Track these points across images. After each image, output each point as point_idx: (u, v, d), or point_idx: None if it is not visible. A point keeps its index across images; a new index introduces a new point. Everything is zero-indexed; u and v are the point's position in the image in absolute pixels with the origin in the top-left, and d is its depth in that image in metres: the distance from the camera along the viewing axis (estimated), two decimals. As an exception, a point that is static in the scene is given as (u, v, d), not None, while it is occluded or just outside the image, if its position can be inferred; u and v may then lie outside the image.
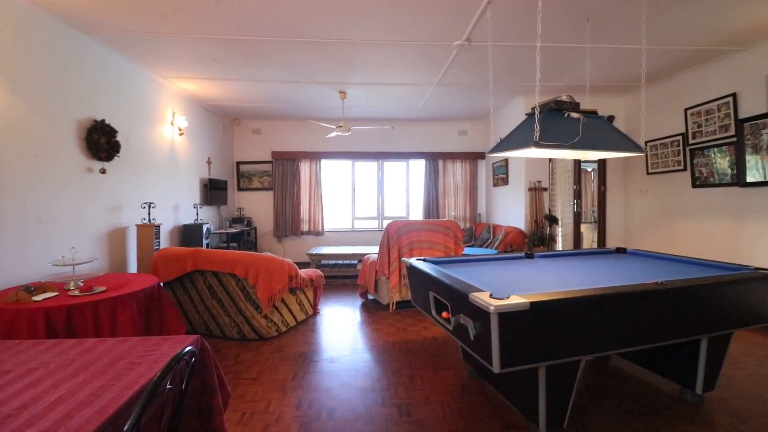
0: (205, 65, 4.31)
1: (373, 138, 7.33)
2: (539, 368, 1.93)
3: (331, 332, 3.68)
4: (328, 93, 5.35)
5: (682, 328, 2.08)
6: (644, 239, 5.25)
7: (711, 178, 4.23)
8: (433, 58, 4.05)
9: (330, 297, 4.96)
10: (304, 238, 7.28)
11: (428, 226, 4.18)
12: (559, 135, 2.43)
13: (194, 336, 1.42)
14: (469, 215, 7.42)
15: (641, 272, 2.50)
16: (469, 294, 1.85)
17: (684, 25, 3.37)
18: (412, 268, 2.65)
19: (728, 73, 3.99)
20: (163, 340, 1.38)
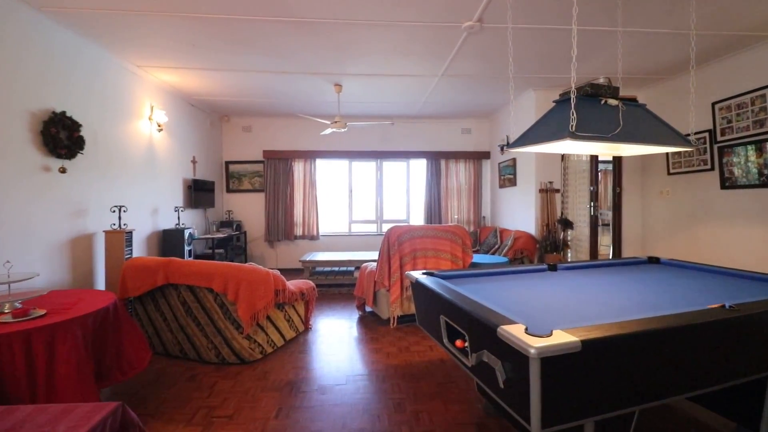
0: (184, 52, 3.87)
1: (372, 136, 6.91)
2: (586, 424, 1.51)
3: (325, 353, 3.24)
4: (323, 86, 4.92)
5: (753, 363, 1.66)
6: (665, 245, 4.84)
7: (743, 179, 3.83)
8: (439, 43, 3.63)
9: (324, 309, 4.52)
10: (297, 243, 6.83)
11: (433, 231, 3.75)
12: (597, 125, 2.01)
13: (112, 404, 0.98)
14: (473, 218, 7.00)
15: (691, 290, 2.09)
16: (498, 327, 1.42)
17: (712, 10, 2.96)
18: (418, 285, 2.22)
19: (760, 63, 3.59)
20: (66, 410, 0.95)
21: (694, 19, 2.73)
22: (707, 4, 2.87)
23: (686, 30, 3.28)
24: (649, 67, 4.28)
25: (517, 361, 1.34)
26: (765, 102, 3.57)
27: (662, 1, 2.88)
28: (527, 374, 1.29)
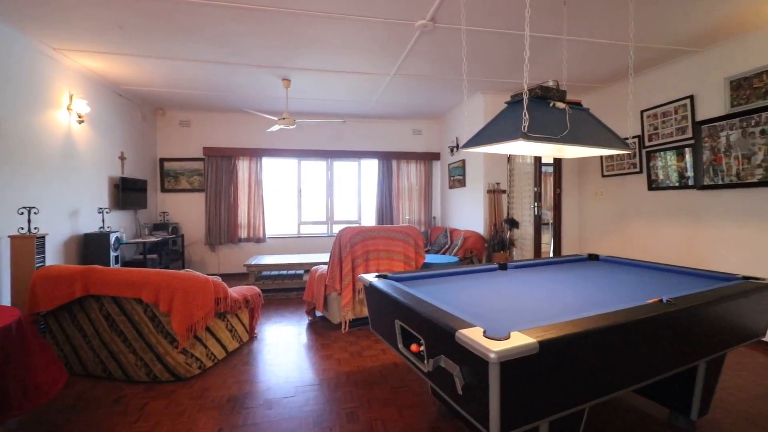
0: (110, 36, 3.46)
1: (322, 134, 6.71)
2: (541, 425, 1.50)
3: (272, 363, 3.04)
4: (270, 80, 4.67)
5: (688, 353, 1.77)
6: (599, 242, 5.19)
7: (667, 181, 4.20)
8: (392, 41, 3.57)
9: (271, 315, 4.27)
10: (242, 246, 6.45)
11: (386, 232, 3.68)
12: (547, 127, 2.04)
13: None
14: (424, 219, 7.06)
15: (630, 285, 2.20)
16: (456, 332, 1.36)
17: (643, 24, 3.20)
18: (372, 288, 2.12)
19: (686, 75, 3.96)
20: None
21: (633, 30, 2.91)
22: (641, 19, 3.08)
23: (625, 41, 3.51)
24: (589, 75, 4.55)
25: (475, 366, 1.29)
26: (686, 111, 3.92)
27: (603, 14, 3.04)
28: (486, 379, 1.24)
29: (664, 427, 2.19)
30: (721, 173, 3.60)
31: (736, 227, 3.55)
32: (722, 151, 3.58)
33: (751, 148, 3.35)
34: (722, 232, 3.66)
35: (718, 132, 3.61)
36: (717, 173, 3.64)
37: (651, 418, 2.27)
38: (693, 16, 3.08)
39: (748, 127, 3.37)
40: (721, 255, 3.68)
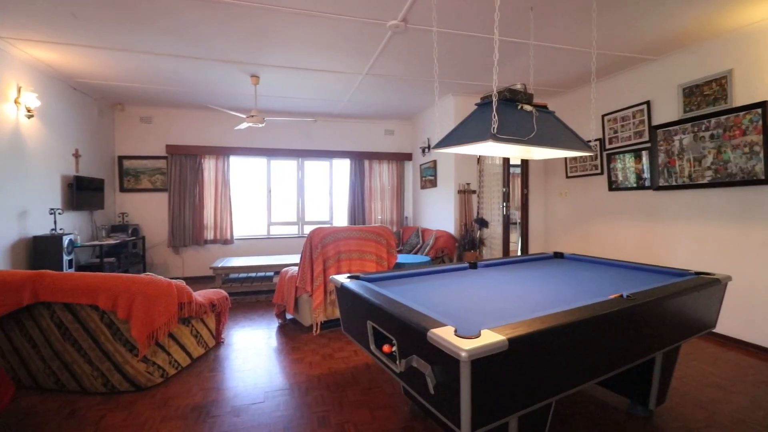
0: (63, 25, 3.24)
1: (293, 133, 6.59)
2: (510, 420, 1.52)
3: (239, 369, 2.94)
4: (238, 76, 4.53)
5: (646, 345, 1.85)
6: (564, 241, 5.38)
7: (625, 182, 4.41)
8: (364, 40, 3.55)
9: (239, 320, 4.14)
10: (208, 248, 6.23)
11: (358, 233, 3.66)
12: (515, 129, 2.09)
13: None
14: (396, 219, 7.09)
15: (593, 282, 2.29)
16: (428, 331, 1.36)
17: (605, 33, 3.35)
18: (343, 289, 2.10)
19: (643, 82, 4.17)
20: None
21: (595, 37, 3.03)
22: (603, 27, 3.21)
23: (587, 48, 3.65)
24: (554, 80, 4.70)
25: (447, 364, 1.30)
26: (644, 116, 4.14)
27: (567, 21, 3.14)
28: (458, 377, 1.25)
29: (625, 417, 2.29)
30: (675, 175, 3.82)
31: (688, 225, 3.78)
32: (676, 154, 3.80)
33: (702, 151, 3.57)
34: (676, 230, 3.89)
35: (672, 136, 3.82)
36: (671, 175, 3.86)
37: (612, 409, 2.37)
38: (649, 26, 3.25)
39: (698, 132, 3.59)
40: (675, 252, 3.90)
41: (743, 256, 3.35)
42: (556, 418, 2.26)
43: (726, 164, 3.39)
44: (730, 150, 3.35)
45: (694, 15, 3.06)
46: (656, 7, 2.94)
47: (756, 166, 3.18)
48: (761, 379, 2.73)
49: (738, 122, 3.29)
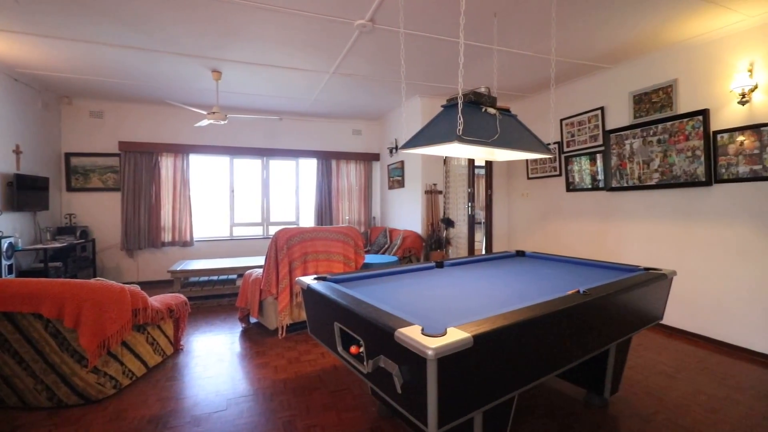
0: (5, 11, 2.97)
1: (257, 131, 6.41)
2: (475, 416, 1.55)
3: (200, 376, 2.82)
4: (198, 71, 4.34)
5: (602, 338, 1.95)
6: (526, 239, 5.58)
7: (581, 183, 4.64)
8: (332, 38, 3.50)
9: (200, 325, 3.97)
10: (165, 251, 5.93)
11: (325, 233, 3.61)
12: (479, 131, 2.14)
13: None
14: (364, 219, 7.07)
15: (552, 278, 2.38)
16: (395, 331, 1.36)
17: (563, 41, 3.51)
18: (310, 291, 2.06)
19: (598, 88, 4.40)
20: None
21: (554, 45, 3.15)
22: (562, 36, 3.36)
23: (547, 55, 3.80)
24: (517, 84, 4.86)
25: (414, 363, 1.30)
26: (598, 121, 4.36)
27: (529, 29, 3.26)
28: (424, 376, 1.25)
29: (582, 406, 2.40)
30: (626, 177, 4.06)
31: (638, 224, 4.02)
32: (627, 157, 4.04)
33: (650, 155, 3.82)
34: (627, 228, 4.13)
35: (623, 140, 4.06)
36: (622, 177, 4.09)
37: (571, 399, 2.48)
38: (604, 36, 3.43)
39: (647, 137, 3.83)
40: (626, 248, 4.15)
41: (686, 252, 3.61)
42: (519, 410, 2.33)
43: (671, 167, 3.64)
44: (675, 154, 3.60)
45: (644, 27, 3.26)
46: (610, 18, 3.11)
47: (697, 169, 3.44)
48: (702, 366, 2.96)
49: (682, 128, 3.54)
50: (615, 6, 2.92)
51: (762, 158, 3.04)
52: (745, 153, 3.14)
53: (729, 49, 3.24)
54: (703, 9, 2.95)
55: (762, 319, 3.10)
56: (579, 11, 3.01)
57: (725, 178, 3.27)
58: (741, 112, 3.17)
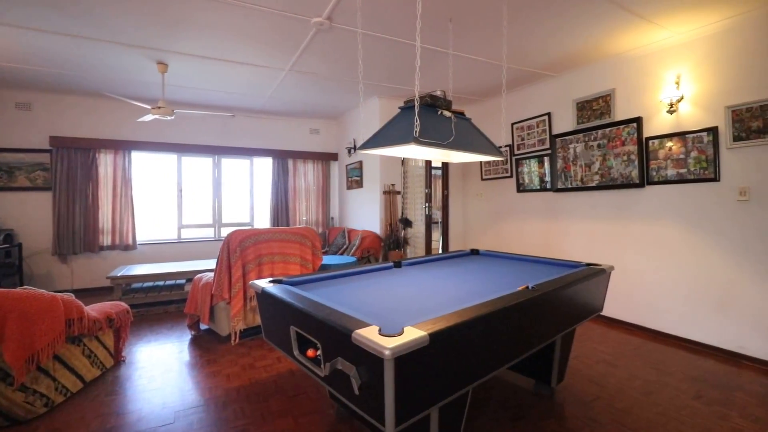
0: None
1: (208, 128, 6.11)
2: (431, 412, 1.58)
3: (144, 389, 2.63)
4: (141, 62, 4.06)
5: (549, 330, 2.06)
6: (480, 238, 5.78)
7: (530, 184, 4.88)
8: (288, 35, 3.41)
9: (145, 334, 3.72)
10: (104, 256, 5.49)
11: (281, 234, 3.51)
12: (436, 133, 2.18)
13: None
14: (322, 220, 6.97)
15: (504, 275, 2.48)
16: (352, 333, 1.35)
17: (514, 49, 3.68)
18: (264, 294, 1.99)
19: (545, 95, 4.65)
20: None
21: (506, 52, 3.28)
22: (512, 44, 3.51)
23: (499, 62, 3.95)
24: (471, 89, 5.02)
25: (371, 364, 1.30)
26: (545, 125, 4.61)
27: (482, 36, 3.37)
28: (382, 376, 1.26)
29: (531, 396, 2.52)
30: (570, 178, 4.32)
31: (581, 223, 4.30)
32: (571, 160, 4.30)
33: (591, 158, 4.09)
34: (571, 227, 4.40)
35: (568, 144, 4.32)
36: (567, 179, 4.36)
37: (521, 390, 2.60)
38: (551, 46, 3.63)
39: (589, 141, 4.11)
40: (571, 246, 4.42)
41: (623, 248, 3.91)
42: (473, 404, 2.40)
43: (610, 170, 3.93)
44: (613, 158, 3.89)
45: (586, 39, 3.49)
46: (556, 30, 3.29)
47: (632, 172, 3.73)
48: (638, 353, 3.21)
49: (619, 134, 3.84)
50: (560, 19, 3.10)
51: (687, 162, 3.36)
52: (672, 157, 3.46)
53: (659, 63, 3.55)
54: (637, 24, 3.21)
55: (687, 309, 3.43)
56: (528, 22, 3.16)
57: (656, 180, 3.58)
58: (669, 120, 3.48)
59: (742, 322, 3.09)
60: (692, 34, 3.30)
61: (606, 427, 2.18)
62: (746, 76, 3.01)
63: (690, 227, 3.39)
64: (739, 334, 3.10)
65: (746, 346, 3.06)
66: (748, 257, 3.05)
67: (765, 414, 2.30)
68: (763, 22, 2.92)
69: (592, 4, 2.89)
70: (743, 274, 3.08)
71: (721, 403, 2.42)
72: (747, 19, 2.99)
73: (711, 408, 2.37)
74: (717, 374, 2.83)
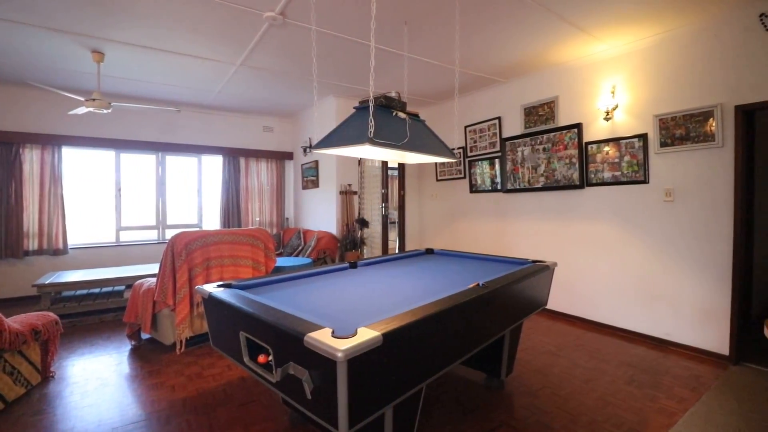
0: None
1: (151, 123, 5.72)
2: (386, 411, 1.58)
3: (77, 406, 2.41)
4: (74, 50, 3.71)
5: (498, 325, 2.14)
6: (436, 238, 5.90)
7: (483, 185, 5.06)
8: (239, 28, 3.27)
9: (77, 346, 3.41)
10: (30, 262, 4.96)
11: (231, 236, 3.36)
12: (390, 134, 2.19)
13: None
14: (277, 220, 6.78)
15: (457, 273, 2.55)
16: (305, 336, 1.32)
17: (466, 55, 3.80)
18: (212, 300, 1.89)
19: (496, 100, 4.84)
20: None
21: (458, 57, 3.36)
22: (465, 50, 3.61)
23: (452, 66, 4.05)
24: (425, 91, 5.10)
25: (324, 367, 1.28)
26: (496, 129, 4.80)
27: (436, 40, 3.43)
28: (335, 378, 1.24)
29: (483, 389, 2.61)
30: (519, 180, 4.53)
31: (528, 222, 4.53)
32: (519, 163, 4.51)
33: (537, 161, 4.32)
34: (520, 226, 4.62)
35: (516, 147, 4.53)
36: (516, 180, 4.57)
37: (473, 383, 2.68)
38: (500, 53, 3.78)
39: (535, 145, 4.33)
40: (519, 244, 4.63)
41: (565, 245, 4.16)
42: (426, 400, 2.44)
43: (554, 172, 4.16)
44: (557, 161, 4.13)
45: (533, 48, 3.68)
46: (506, 38, 3.43)
47: (573, 174, 3.99)
48: (579, 344, 3.43)
49: (561, 138, 4.08)
50: (509, 28, 3.24)
51: (621, 166, 3.65)
52: (608, 161, 3.73)
53: (597, 73, 3.82)
54: (578, 37, 3.43)
55: (621, 300, 3.72)
56: (479, 30, 3.27)
57: (594, 182, 3.85)
58: (606, 126, 3.76)
59: (667, 312, 3.40)
60: (626, 48, 3.59)
61: (551, 414, 2.31)
62: (672, 87, 3.32)
63: (624, 226, 3.68)
64: (666, 323, 3.41)
65: (672, 333, 3.37)
66: (672, 253, 3.36)
67: (688, 394, 2.55)
68: (686, 39, 3.23)
69: (539, 16, 3.05)
70: (668, 268, 3.39)
71: (650, 386, 2.65)
72: (674, 36, 3.30)
73: (642, 391, 2.58)
74: (647, 360, 3.09)
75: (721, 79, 3.05)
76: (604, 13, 3.01)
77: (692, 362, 3.05)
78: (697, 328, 3.22)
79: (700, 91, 3.16)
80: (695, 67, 3.18)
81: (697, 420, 2.25)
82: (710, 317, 3.15)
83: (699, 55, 3.16)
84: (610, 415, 2.30)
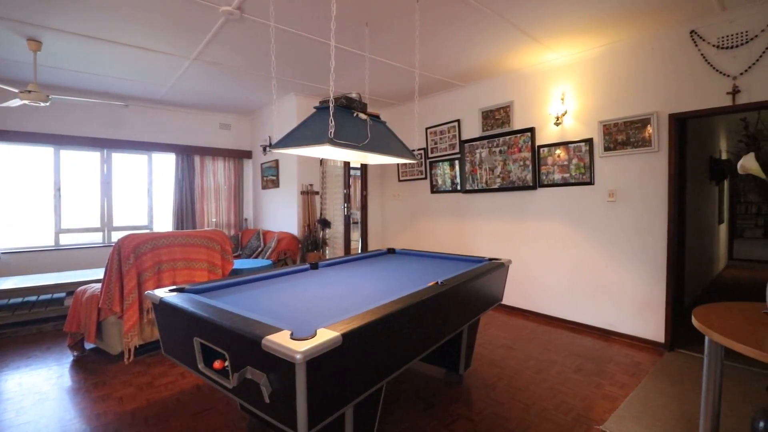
0: None
1: (95, 118, 5.33)
2: (346, 410, 1.59)
3: (11, 425, 2.21)
4: (7, 37, 3.39)
5: (456, 321, 2.21)
6: (398, 237, 5.97)
7: (443, 186, 5.18)
8: (193, 21, 3.13)
9: (12, 359, 3.13)
10: (-46, 267, 4.48)
11: (184, 239, 3.21)
12: (351, 134, 2.20)
13: None
14: (234, 221, 6.56)
15: (417, 272, 2.60)
16: (263, 339, 1.30)
17: (426, 58, 3.88)
18: (163, 305, 1.81)
19: (455, 103, 4.98)
20: None
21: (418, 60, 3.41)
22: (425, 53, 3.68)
23: (412, 68, 4.12)
24: (386, 92, 5.14)
25: (283, 370, 1.26)
26: (455, 131, 4.93)
27: (397, 43, 3.47)
28: (293, 381, 1.23)
29: (442, 384, 2.68)
30: (477, 181, 4.69)
31: (485, 221, 4.69)
32: (477, 164, 4.67)
33: (494, 162, 4.49)
34: (478, 225, 4.78)
35: (474, 149, 4.68)
36: (474, 181, 4.72)
37: (433, 379, 2.75)
38: (459, 57, 3.89)
39: (492, 147, 4.50)
40: (477, 243, 4.79)
41: (520, 243, 4.35)
42: (387, 398, 2.47)
43: (509, 173, 4.34)
44: (512, 163, 4.31)
45: (489, 54, 3.81)
46: (465, 42, 3.53)
47: (527, 176, 4.18)
48: (532, 336, 3.61)
49: (516, 141, 4.26)
50: (467, 33, 3.34)
51: (570, 168, 3.87)
52: (558, 164, 3.95)
53: (548, 80, 4.03)
54: (531, 45, 3.60)
55: (570, 294, 3.95)
56: (438, 34, 3.35)
57: (546, 183, 4.06)
58: (556, 131, 3.97)
59: (610, 304, 3.65)
60: (574, 57, 3.81)
61: (506, 405, 2.41)
62: (614, 95, 3.57)
63: (572, 224, 3.91)
64: (609, 314, 3.66)
65: (614, 324, 3.63)
66: (615, 249, 3.62)
67: (629, 380, 2.75)
68: (627, 51, 3.49)
69: (494, 23, 3.17)
70: (610, 263, 3.64)
71: (596, 374, 2.83)
72: (617, 48, 3.55)
73: (588, 379, 2.76)
74: (593, 349, 3.30)
75: (657, 89, 3.32)
76: (554, 24, 3.19)
77: (632, 350, 3.29)
78: (637, 318, 3.49)
79: (639, 100, 3.43)
80: (635, 77, 3.44)
81: (636, 403, 2.44)
82: (648, 308, 3.42)
83: (638, 66, 3.42)
84: (559, 403, 2.44)
